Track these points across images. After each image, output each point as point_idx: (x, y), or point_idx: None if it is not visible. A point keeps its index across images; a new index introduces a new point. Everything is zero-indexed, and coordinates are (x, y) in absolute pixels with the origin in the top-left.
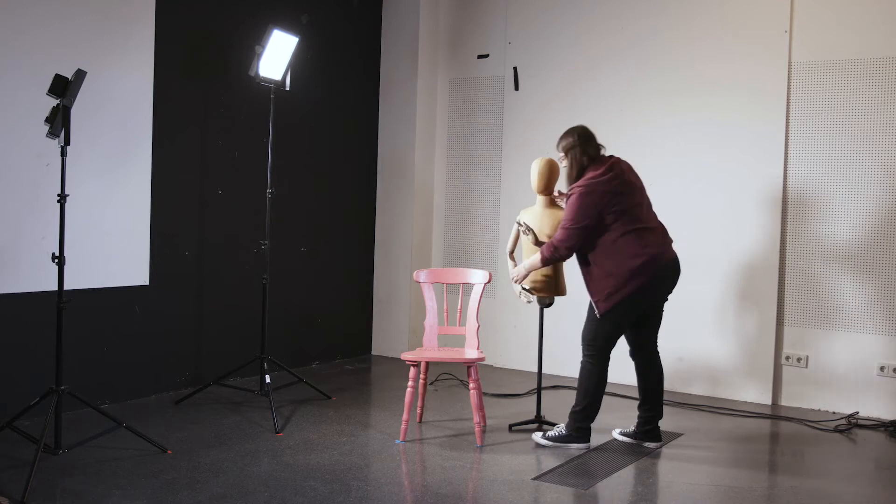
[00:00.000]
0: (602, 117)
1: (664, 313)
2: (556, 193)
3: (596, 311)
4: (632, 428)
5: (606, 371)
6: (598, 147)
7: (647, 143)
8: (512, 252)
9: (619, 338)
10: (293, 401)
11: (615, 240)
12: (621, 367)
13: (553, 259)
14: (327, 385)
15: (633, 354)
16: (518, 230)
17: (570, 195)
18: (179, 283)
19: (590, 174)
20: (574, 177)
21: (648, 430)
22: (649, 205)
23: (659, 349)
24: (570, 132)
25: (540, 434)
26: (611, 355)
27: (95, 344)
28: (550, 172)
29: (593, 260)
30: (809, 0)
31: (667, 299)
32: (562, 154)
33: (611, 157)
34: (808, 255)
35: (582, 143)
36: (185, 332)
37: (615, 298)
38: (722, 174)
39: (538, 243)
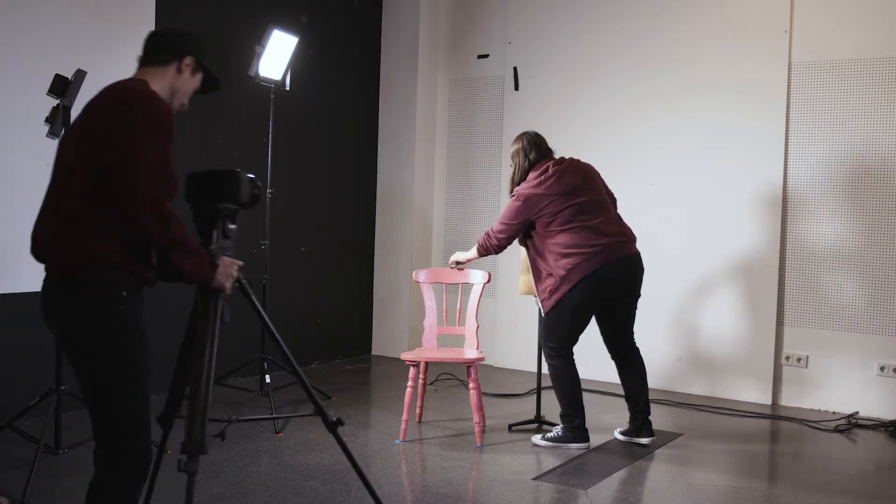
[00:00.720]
0: (602, 117)
1: (637, 309)
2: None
3: (542, 310)
4: (627, 426)
5: (574, 369)
6: (544, 152)
7: (647, 143)
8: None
9: (576, 335)
10: (293, 401)
11: (551, 240)
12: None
13: (486, 246)
14: (327, 385)
15: (610, 352)
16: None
17: (511, 198)
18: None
19: (527, 179)
20: (517, 181)
21: (638, 425)
22: (598, 202)
23: (659, 349)
24: (519, 138)
25: (539, 436)
26: (573, 353)
27: None
28: None
29: (536, 260)
30: (809, 0)
31: (631, 295)
32: (510, 160)
33: (560, 159)
34: (808, 255)
35: (526, 150)
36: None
37: (556, 296)
38: (722, 174)
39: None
